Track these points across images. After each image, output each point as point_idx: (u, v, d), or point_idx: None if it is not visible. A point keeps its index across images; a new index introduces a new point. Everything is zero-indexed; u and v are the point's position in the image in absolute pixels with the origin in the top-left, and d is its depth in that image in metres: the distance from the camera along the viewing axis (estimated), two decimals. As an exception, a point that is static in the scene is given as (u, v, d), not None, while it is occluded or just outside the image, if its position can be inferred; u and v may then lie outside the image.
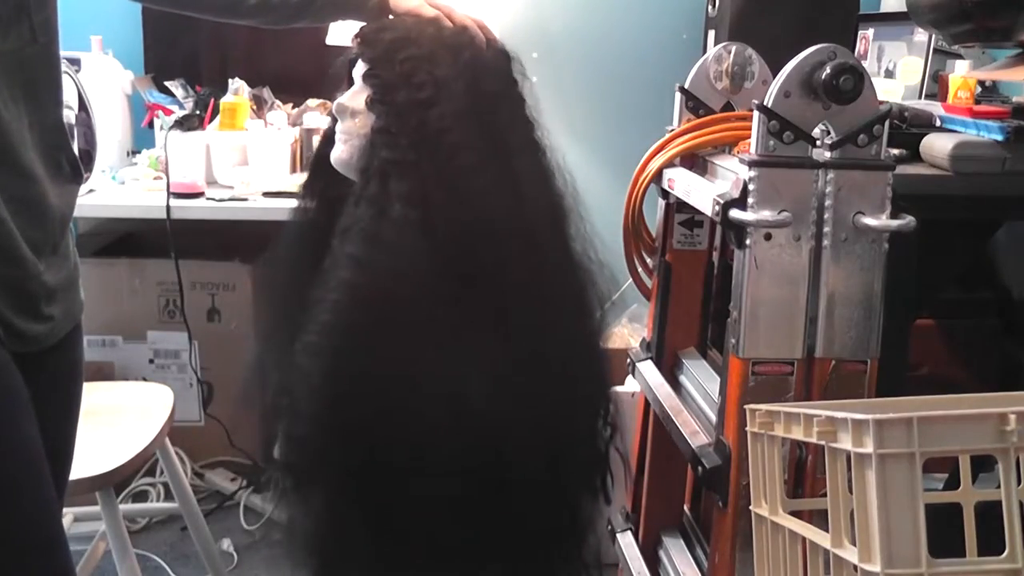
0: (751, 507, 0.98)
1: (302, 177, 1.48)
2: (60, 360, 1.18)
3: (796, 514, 0.93)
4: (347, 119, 1.16)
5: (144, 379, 2.22)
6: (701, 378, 1.38)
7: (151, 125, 2.34)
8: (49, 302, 1.11)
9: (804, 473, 1.11)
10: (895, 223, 1.06)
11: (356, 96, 1.15)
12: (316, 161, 1.30)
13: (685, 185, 1.31)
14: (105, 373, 2.27)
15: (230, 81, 2.29)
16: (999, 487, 0.73)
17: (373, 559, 1.13)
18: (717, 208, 1.11)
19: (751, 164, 1.07)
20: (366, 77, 1.13)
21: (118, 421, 1.71)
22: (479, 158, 1.10)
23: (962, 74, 1.71)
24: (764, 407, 0.94)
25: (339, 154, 1.18)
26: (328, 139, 1.25)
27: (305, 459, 1.12)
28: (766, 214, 1.06)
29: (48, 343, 1.13)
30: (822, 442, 0.79)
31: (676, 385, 1.45)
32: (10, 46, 1.02)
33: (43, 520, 1.08)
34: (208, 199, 2.09)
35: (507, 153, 1.14)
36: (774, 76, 1.10)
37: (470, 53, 1.15)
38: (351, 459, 1.08)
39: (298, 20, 1.24)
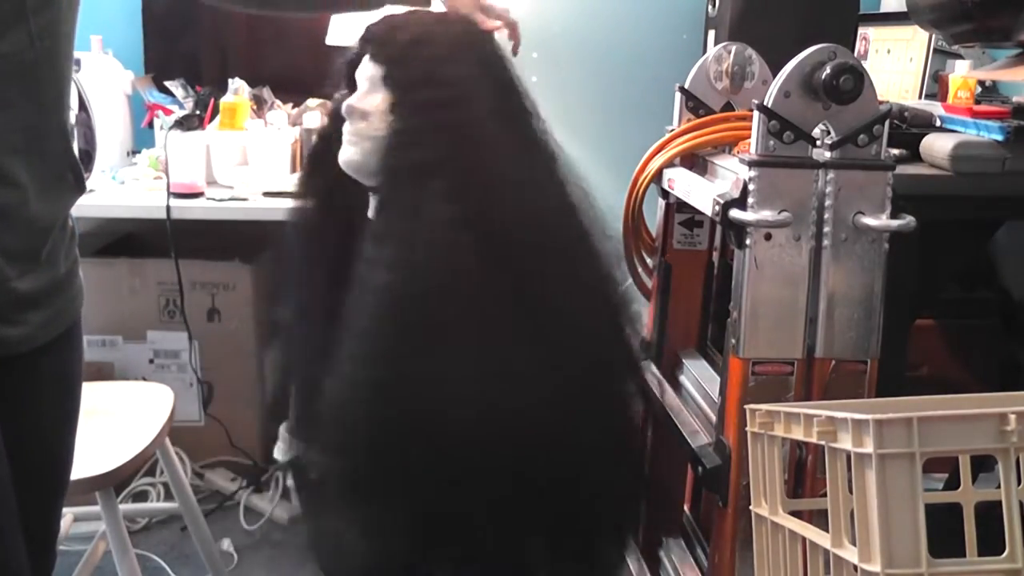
0: (751, 507, 0.98)
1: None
2: (52, 363, 1.16)
3: (796, 514, 0.93)
4: (357, 121, 1.15)
5: (144, 379, 2.22)
6: (701, 378, 1.38)
7: (151, 125, 2.33)
8: (21, 308, 1.08)
9: (804, 473, 1.11)
10: (895, 223, 1.07)
11: (367, 97, 1.14)
12: (313, 160, 1.29)
13: (685, 185, 1.31)
14: (105, 373, 2.27)
15: (230, 81, 2.29)
16: (999, 487, 0.73)
17: (411, 566, 1.14)
18: (717, 208, 1.11)
19: (751, 164, 1.07)
20: (385, 79, 1.12)
21: (118, 421, 1.71)
22: (509, 151, 1.12)
23: (962, 74, 1.71)
24: (764, 407, 0.94)
25: (349, 156, 1.16)
26: (325, 139, 1.25)
27: (351, 465, 1.11)
28: (766, 214, 1.06)
29: (27, 347, 1.10)
30: (822, 442, 0.79)
31: (676, 385, 1.45)
32: (6, 49, 1.01)
33: None
34: (208, 199, 2.09)
35: (528, 144, 1.16)
36: (774, 76, 1.10)
37: (485, 47, 1.17)
38: (403, 464, 1.07)
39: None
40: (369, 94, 1.14)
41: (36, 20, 1.03)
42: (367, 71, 1.15)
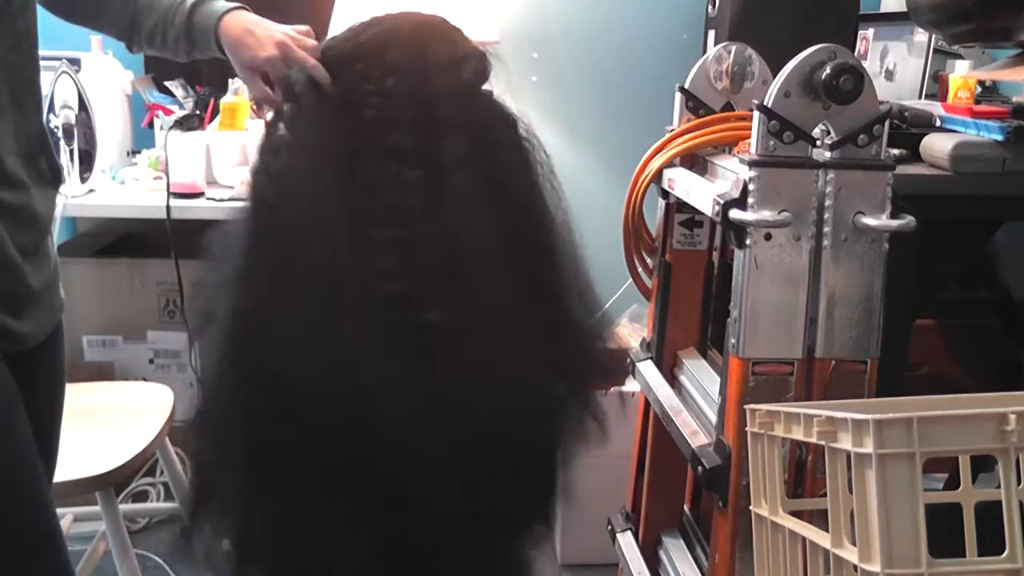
0: (751, 507, 0.98)
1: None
2: (44, 359, 1.18)
3: (796, 514, 0.93)
4: None
5: (144, 379, 2.22)
6: (701, 378, 1.38)
7: (151, 125, 2.33)
8: (34, 303, 1.12)
9: (804, 473, 1.11)
10: (895, 223, 1.06)
11: None
12: None
13: (685, 185, 1.31)
14: (105, 373, 2.26)
15: (230, 81, 2.29)
16: (999, 487, 0.73)
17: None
18: (717, 208, 1.11)
19: (751, 164, 1.07)
20: None
21: (118, 421, 1.70)
22: None
23: (962, 74, 1.71)
24: (764, 407, 0.94)
25: None
26: None
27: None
28: (766, 214, 1.06)
29: (33, 343, 1.13)
30: (822, 442, 0.79)
31: (676, 385, 1.45)
32: None
33: (39, 515, 1.08)
34: (208, 199, 2.09)
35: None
36: (774, 76, 1.10)
37: None
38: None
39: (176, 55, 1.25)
40: None
41: (21, 21, 1.04)
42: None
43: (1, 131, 1.04)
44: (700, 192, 1.23)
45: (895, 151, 1.39)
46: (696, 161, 1.36)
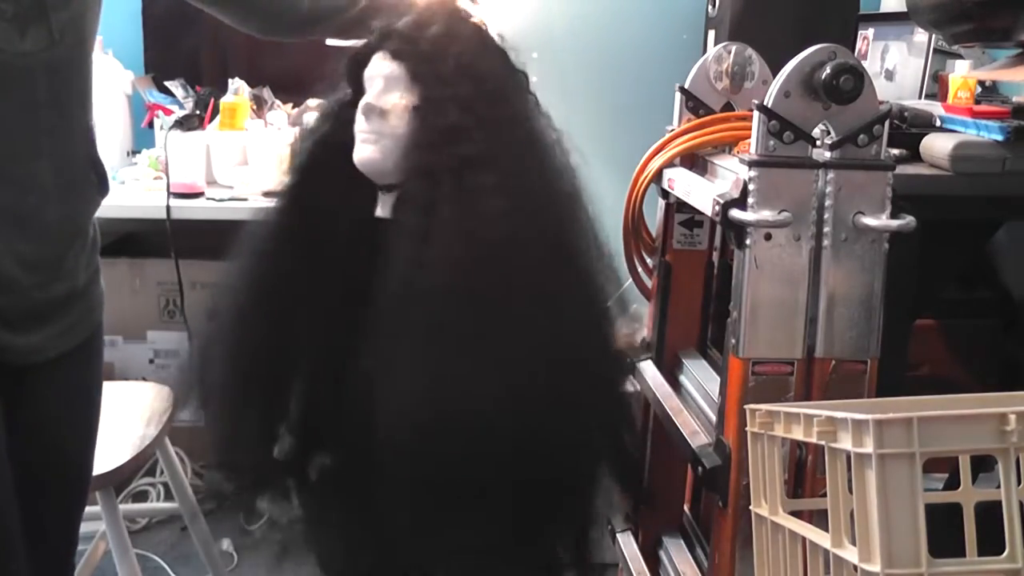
0: (751, 507, 0.98)
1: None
2: (71, 374, 1.15)
3: (796, 514, 0.93)
4: (375, 119, 1.12)
5: (144, 379, 2.22)
6: (701, 378, 1.38)
7: (151, 125, 2.33)
8: (38, 317, 1.07)
9: (804, 473, 1.11)
10: (895, 223, 1.06)
11: (385, 95, 1.12)
12: (306, 161, 1.24)
13: (685, 185, 1.31)
14: (105, 373, 2.26)
15: (230, 81, 2.29)
16: (999, 487, 0.73)
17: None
18: (717, 208, 1.11)
19: (751, 164, 1.07)
20: (416, 76, 1.11)
21: (118, 421, 1.71)
22: (545, 146, 1.17)
23: (962, 74, 1.71)
24: (764, 407, 0.94)
25: (367, 155, 1.12)
26: (321, 140, 1.21)
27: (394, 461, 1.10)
28: (766, 214, 1.06)
29: (40, 358, 1.09)
30: (822, 442, 0.79)
31: (676, 385, 1.45)
32: (28, 48, 0.98)
33: None
34: (208, 199, 2.09)
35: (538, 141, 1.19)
36: (774, 76, 1.10)
37: (495, 42, 1.18)
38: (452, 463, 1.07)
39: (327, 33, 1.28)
40: (387, 92, 1.12)
41: (57, 16, 1.00)
42: (383, 68, 1.13)
43: (20, 131, 1.00)
44: (700, 192, 1.23)
45: (895, 151, 1.39)
46: (696, 161, 1.36)
